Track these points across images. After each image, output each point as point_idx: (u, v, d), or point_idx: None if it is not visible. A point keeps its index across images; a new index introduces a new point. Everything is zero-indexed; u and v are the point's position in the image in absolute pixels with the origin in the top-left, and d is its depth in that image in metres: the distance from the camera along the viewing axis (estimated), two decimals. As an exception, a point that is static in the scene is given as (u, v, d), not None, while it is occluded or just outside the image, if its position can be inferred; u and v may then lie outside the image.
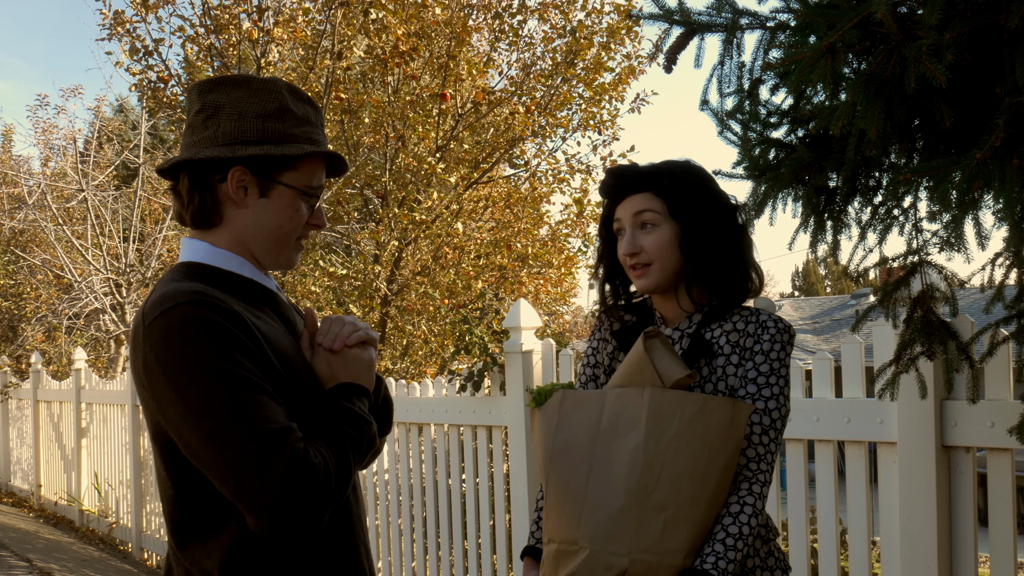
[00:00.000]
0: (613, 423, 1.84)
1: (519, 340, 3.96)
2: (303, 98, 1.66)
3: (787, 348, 1.87)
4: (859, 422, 2.72)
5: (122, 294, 12.02)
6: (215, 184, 1.59)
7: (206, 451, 1.42)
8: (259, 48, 7.43)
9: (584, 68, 8.34)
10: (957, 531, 2.55)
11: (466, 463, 4.36)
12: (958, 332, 2.23)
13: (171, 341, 1.43)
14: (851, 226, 2.19)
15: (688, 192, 1.89)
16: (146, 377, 1.46)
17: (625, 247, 1.92)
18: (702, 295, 1.93)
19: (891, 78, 1.65)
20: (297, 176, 1.62)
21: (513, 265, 8.54)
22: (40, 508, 10.19)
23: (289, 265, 1.69)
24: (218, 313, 1.45)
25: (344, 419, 1.55)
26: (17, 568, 6.66)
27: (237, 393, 1.41)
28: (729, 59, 2.18)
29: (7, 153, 16.86)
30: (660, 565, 1.72)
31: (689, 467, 1.75)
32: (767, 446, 1.81)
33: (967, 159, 1.59)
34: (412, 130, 7.52)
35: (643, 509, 1.75)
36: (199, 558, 1.52)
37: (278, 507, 1.39)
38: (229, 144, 1.58)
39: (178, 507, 1.53)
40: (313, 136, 1.65)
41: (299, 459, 1.41)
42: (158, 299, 1.48)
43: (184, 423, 1.42)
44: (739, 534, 1.75)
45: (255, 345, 1.48)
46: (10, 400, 11.41)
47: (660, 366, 1.82)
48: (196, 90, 1.65)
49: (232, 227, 1.62)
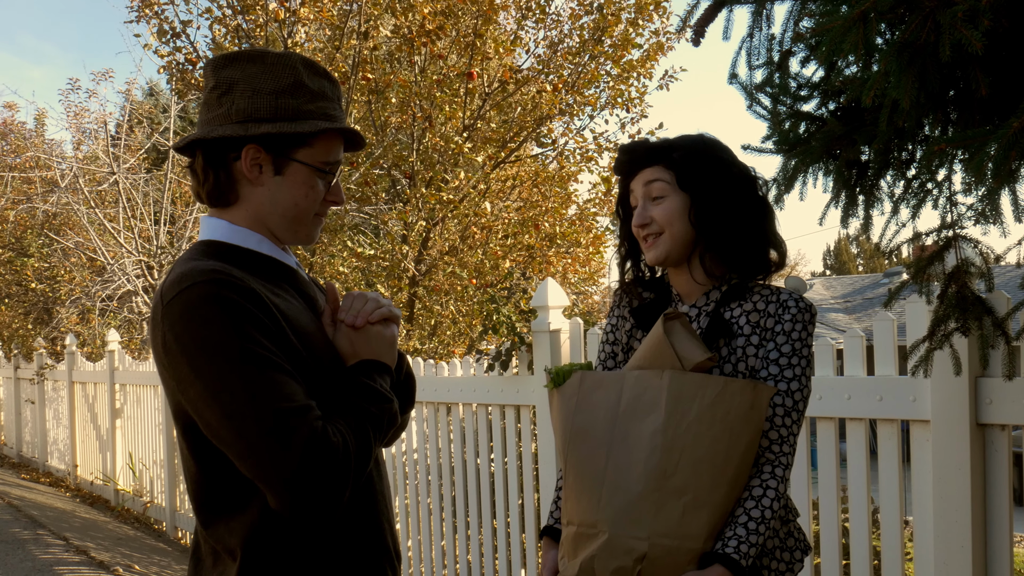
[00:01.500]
0: (632, 406, 1.82)
1: (547, 319, 3.95)
2: (319, 72, 1.64)
3: (809, 328, 1.84)
4: (891, 400, 2.68)
5: (154, 276, 12.14)
6: (230, 162, 1.58)
7: (225, 430, 1.42)
8: (286, 28, 7.44)
9: (612, 45, 8.27)
10: (991, 510, 2.51)
11: (494, 442, 4.36)
12: (993, 308, 2.18)
13: (189, 320, 1.43)
14: (883, 200, 2.15)
15: (697, 163, 1.87)
16: (165, 356, 1.46)
17: (636, 219, 1.91)
18: (716, 268, 1.90)
19: (925, 46, 1.61)
20: (312, 153, 1.60)
21: (541, 244, 8.51)
22: (76, 488, 10.35)
23: (308, 241, 1.68)
24: (235, 291, 1.45)
25: (365, 397, 1.54)
26: (54, 546, 6.78)
27: (255, 372, 1.41)
28: (758, 31, 2.14)
29: (40, 137, 17.04)
30: (680, 549, 1.71)
31: (709, 451, 1.73)
32: (789, 428, 1.80)
33: (1004, 128, 1.55)
34: (439, 110, 7.50)
35: (662, 493, 1.73)
36: (222, 535, 1.52)
37: (297, 485, 1.40)
38: (242, 122, 1.56)
39: (201, 485, 1.54)
40: (328, 111, 1.62)
41: (318, 437, 1.41)
42: (176, 278, 1.47)
43: (203, 402, 1.42)
44: (761, 518, 1.74)
45: (273, 323, 1.48)
46: (46, 382, 11.58)
47: (680, 348, 1.81)
48: (211, 66, 1.63)
49: (249, 205, 1.61)
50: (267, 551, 1.50)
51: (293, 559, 1.52)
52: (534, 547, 4.22)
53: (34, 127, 17.93)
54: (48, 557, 6.43)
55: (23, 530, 7.35)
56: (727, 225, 1.85)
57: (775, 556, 1.87)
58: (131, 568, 6.23)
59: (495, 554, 4.45)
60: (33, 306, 15.00)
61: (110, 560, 6.35)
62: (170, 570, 6.44)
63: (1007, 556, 2.48)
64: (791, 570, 1.90)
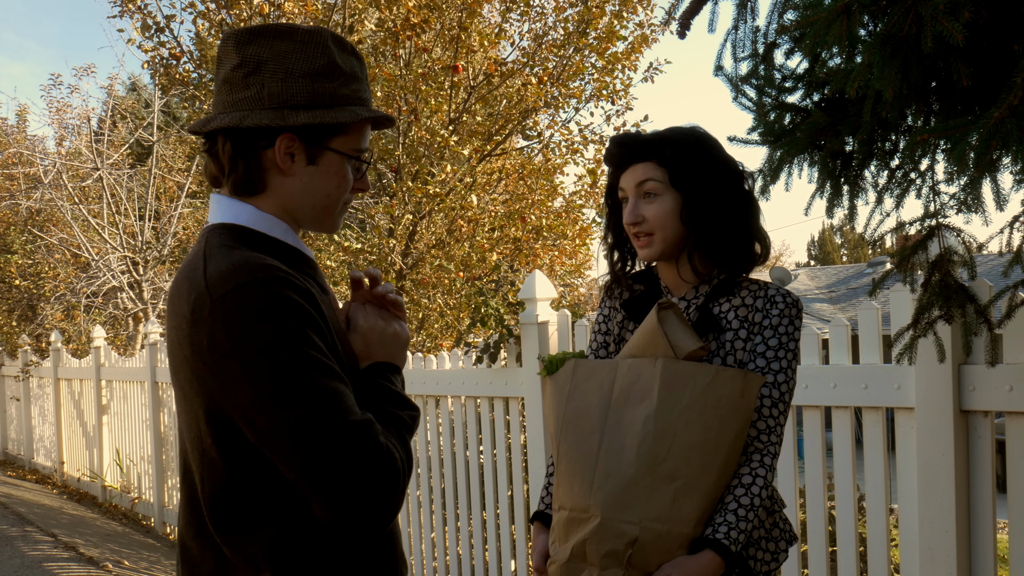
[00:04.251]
0: (625, 393, 1.85)
1: (535, 311, 3.96)
2: (348, 49, 1.52)
3: (796, 323, 1.88)
4: (876, 388, 2.71)
5: (139, 272, 12.09)
6: (260, 151, 1.46)
7: (282, 439, 1.33)
8: (270, 22, 7.40)
9: (596, 37, 8.28)
10: (975, 496, 2.54)
11: (483, 434, 4.38)
12: (976, 295, 2.21)
13: (247, 320, 1.32)
14: (868, 190, 2.17)
15: (690, 161, 1.88)
16: (210, 355, 1.34)
17: (628, 216, 1.92)
18: (704, 264, 1.92)
19: (907, 38, 1.63)
20: (347, 141, 1.50)
21: (527, 237, 8.53)
22: (63, 484, 10.31)
23: (332, 230, 1.59)
24: (295, 291, 1.36)
25: (396, 404, 1.49)
26: (43, 543, 6.76)
27: (317, 381, 1.33)
28: (743, 23, 2.16)
29: (22, 133, 16.89)
30: (670, 534, 1.74)
31: (700, 438, 1.76)
32: (776, 419, 1.83)
33: (984, 118, 1.57)
34: (424, 103, 7.50)
35: (654, 478, 1.76)
36: (244, 544, 1.43)
37: (363, 502, 1.34)
38: (277, 108, 1.44)
39: (228, 491, 1.43)
40: (362, 95, 1.52)
41: (382, 454, 1.36)
42: (228, 271, 1.36)
43: (258, 410, 1.33)
44: (750, 505, 1.77)
45: (325, 325, 1.41)
46: (31, 378, 11.52)
47: (673, 337, 1.83)
48: (233, 41, 1.48)
49: (277, 194, 1.49)
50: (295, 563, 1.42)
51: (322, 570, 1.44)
52: (524, 538, 4.24)
53: (16, 123, 17.77)
54: (37, 553, 6.41)
55: (11, 527, 7.32)
56: (718, 224, 1.87)
57: (760, 546, 1.91)
58: (121, 564, 6.22)
59: (485, 545, 4.47)
60: (17, 303, 14.88)
61: (99, 556, 6.34)
62: (159, 565, 6.43)
63: (991, 542, 2.51)
64: (776, 560, 1.93)
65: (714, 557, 1.72)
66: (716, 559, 1.72)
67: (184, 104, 9.87)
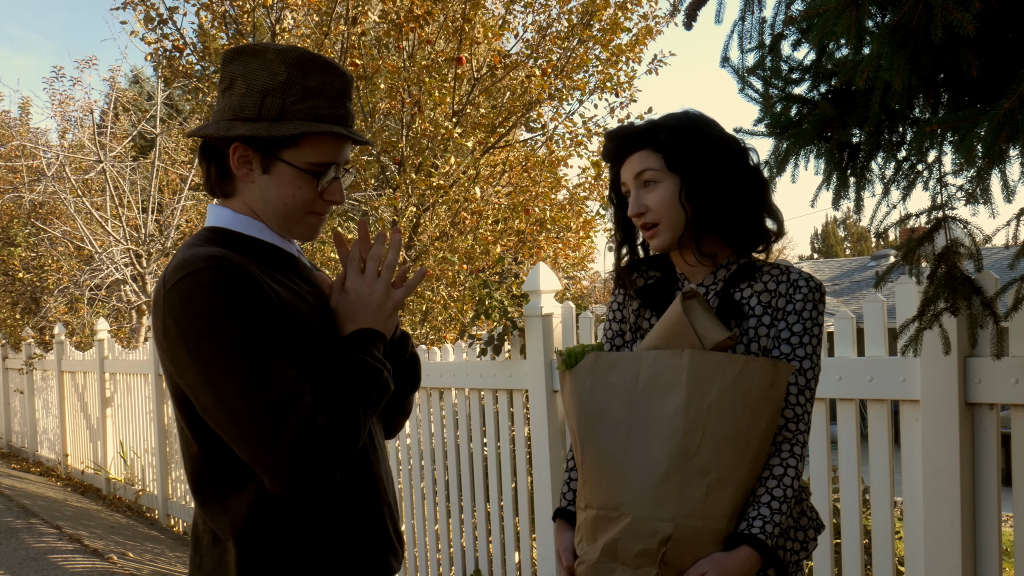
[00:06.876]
0: (650, 386, 1.80)
1: (539, 304, 3.96)
2: (320, 67, 1.60)
3: (819, 307, 1.83)
4: (882, 380, 2.71)
5: (142, 264, 12.10)
6: (223, 158, 1.60)
7: (221, 415, 1.45)
8: (273, 14, 7.40)
9: (600, 29, 8.25)
10: (980, 489, 2.54)
11: (487, 427, 4.38)
12: (982, 288, 2.21)
13: (189, 305, 1.44)
14: (874, 182, 2.16)
15: (685, 142, 1.83)
16: (165, 340, 1.49)
17: (631, 208, 1.88)
18: (715, 244, 1.87)
19: (917, 28, 1.62)
20: (299, 154, 1.58)
21: (531, 229, 8.52)
22: (67, 477, 10.34)
23: (305, 238, 1.68)
24: (235, 277, 1.46)
25: (356, 373, 1.55)
26: (47, 535, 6.78)
27: (250, 358, 1.44)
28: (750, 14, 2.15)
29: (25, 126, 16.90)
30: (704, 529, 1.70)
31: (731, 430, 1.72)
32: (804, 406, 1.80)
33: (994, 109, 1.56)
34: (428, 95, 7.48)
35: (685, 474, 1.72)
36: (219, 514, 1.55)
37: (289, 470, 1.43)
38: (231, 120, 1.58)
39: (201, 465, 1.56)
40: (320, 111, 1.58)
41: (308, 423, 1.44)
42: (178, 264, 1.49)
43: (200, 387, 1.45)
44: (783, 496, 1.73)
45: (271, 309, 1.49)
46: (35, 371, 11.54)
47: (699, 327, 1.78)
48: (222, 59, 1.65)
49: (245, 199, 1.63)
50: (263, 532, 1.53)
51: (290, 541, 1.54)
52: (527, 531, 4.24)
53: (19, 116, 17.78)
54: (42, 545, 6.43)
55: (15, 519, 7.34)
56: (721, 201, 1.82)
57: (790, 536, 1.87)
58: (125, 555, 6.24)
59: (488, 537, 4.48)
60: (21, 296, 14.92)
61: (104, 548, 6.36)
62: (164, 557, 6.45)
63: (995, 535, 2.51)
64: (805, 549, 1.89)
65: (751, 553, 1.69)
66: (753, 555, 1.68)
67: (187, 97, 9.86)
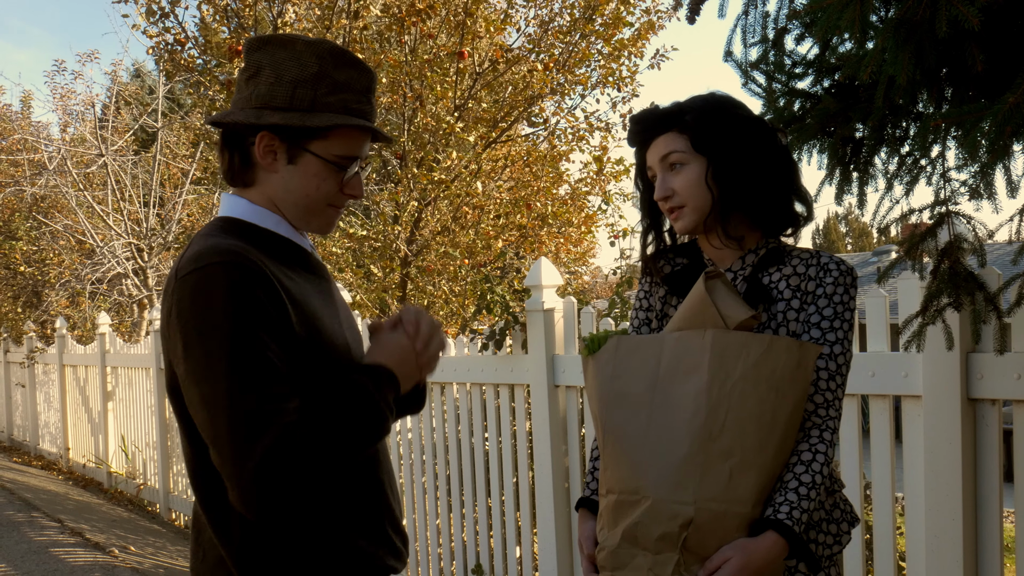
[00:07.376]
0: (673, 367, 1.75)
1: (540, 298, 3.95)
2: (348, 61, 1.61)
3: (851, 291, 1.79)
4: (884, 375, 2.71)
5: (144, 258, 12.10)
6: (247, 146, 1.59)
7: (201, 413, 1.42)
8: (275, 8, 7.39)
9: (603, 23, 8.24)
10: (982, 485, 2.53)
11: (488, 421, 4.38)
12: (985, 283, 2.20)
13: (195, 299, 1.42)
14: (877, 177, 2.16)
15: (711, 123, 1.79)
16: (167, 329, 1.47)
17: (657, 192, 1.85)
18: (743, 226, 1.84)
19: (921, 22, 1.62)
20: (326, 146, 1.59)
21: (533, 224, 8.51)
22: (69, 471, 10.35)
23: (322, 230, 1.68)
24: (247, 276, 1.43)
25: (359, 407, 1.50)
26: (49, 529, 6.79)
27: (241, 364, 1.39)
28: (754, 8, 2.14)
29: (26, 120, 16.89)
30: (727, 513, 1.64)
31: (755, 411, 1.66)
32: (835, 392, 1.75)
33: (999, 104, 1.56)
34: (430, 89, 7.48)
35: (708, 456, 1.66)
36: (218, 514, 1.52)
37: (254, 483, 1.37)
38: (259, 108, 1.57)
39: (197, 463, 1.54)
40: (350, 104, 1.60)
41: (284, 442, 1.38)
42: (194, 255, 1.47)
43: (188, 382, 1.43)
44: (812, 483, 1.67)
45: (279, 310, 1.46)
46: (36, 365, 11.55)
47: (723, 307, 1.74)
48: (246, 47, 1.64)
49: (265, 189, 1.61)
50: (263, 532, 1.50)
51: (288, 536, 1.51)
52: (528, 525, 4.24)
53: (20, 109, 17.78)
54: (43, 539, 6.44)
55: (17, 512, 7.35)
56: (749, 182, 1.78)
57: (822, 529, 1.80)
58: (127, 549, 6.25)
59: (490, 532, 4.48)
60: (22, 289, 14.92)
61: (105, 542, 6.37)
62: (165, 551, 6.46)
63: (997, 531, 2.51)
64: (839, 543, 1.83)
65: (777, 539, 1.62)
66: (779, 541, 1.61)
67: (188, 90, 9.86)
